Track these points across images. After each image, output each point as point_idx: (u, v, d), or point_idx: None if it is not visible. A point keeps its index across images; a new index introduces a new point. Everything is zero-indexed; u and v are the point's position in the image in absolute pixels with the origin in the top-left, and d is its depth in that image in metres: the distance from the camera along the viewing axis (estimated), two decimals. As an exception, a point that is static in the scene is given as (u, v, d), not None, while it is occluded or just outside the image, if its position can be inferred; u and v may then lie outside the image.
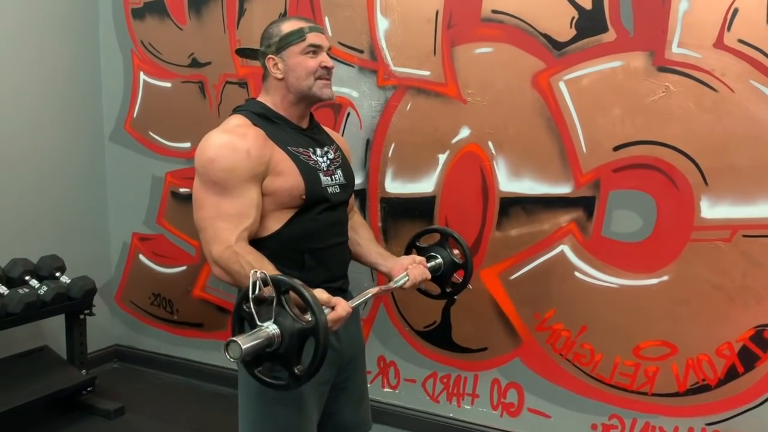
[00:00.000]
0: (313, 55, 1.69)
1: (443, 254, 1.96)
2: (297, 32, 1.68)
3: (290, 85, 1.69)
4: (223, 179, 1.55)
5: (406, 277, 1.76)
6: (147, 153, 3.45)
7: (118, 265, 3.65)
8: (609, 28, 2.33)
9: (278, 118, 1.70)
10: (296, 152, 1.66)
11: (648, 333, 2.39)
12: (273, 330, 1.30)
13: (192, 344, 3.47)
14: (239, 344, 1.25)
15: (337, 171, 1.76)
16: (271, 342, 1.30)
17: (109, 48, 3.48)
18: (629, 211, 2.38)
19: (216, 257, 1.53)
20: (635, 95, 2.31)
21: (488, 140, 2.58)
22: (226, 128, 1.63)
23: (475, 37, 2.57)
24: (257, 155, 1.57)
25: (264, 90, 1.77)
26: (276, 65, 1.69)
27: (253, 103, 1.73)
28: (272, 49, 1.69)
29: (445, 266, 1.95)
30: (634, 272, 2.39)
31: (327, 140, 1.82)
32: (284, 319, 1.32)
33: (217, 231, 1.54)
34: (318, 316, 1.30)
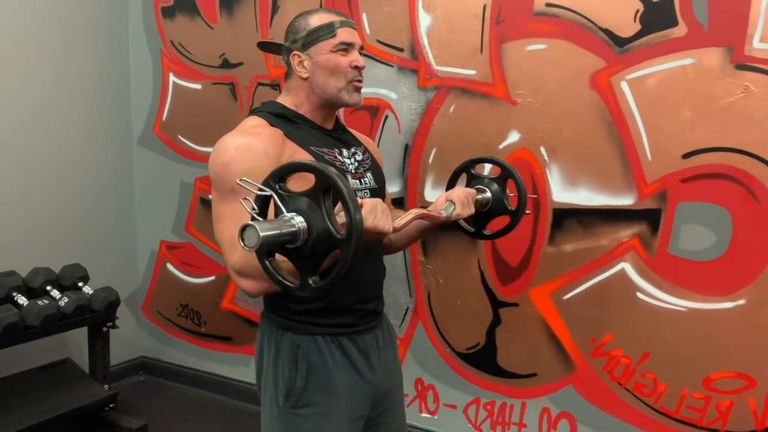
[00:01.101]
0: (344, 53, 1.50)
1: (494, 190, 1.73)
2: (326, 27, 1.48)
3: (316, 85, 1.50)
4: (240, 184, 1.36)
5: (452, 205, 1.54)
6: (176, 158, 3.31)
7: (145, 274, 3.52)
8: (679, 22, 2.09)
9: (298, 117, 1.51)
10: (320, 152, 1.47)
11: (721, 363, 2.13)
12: (300, 224, 1.08)
13: (219, 358, 3.30)
14: (257, 231, 1.03)
15: (367, 174, 1.57)
16: (295, 237, 1.08)
17: (138, 48, 3.35)
18: (700, 226, 2.12)
19: (237, 266, 1.33)
20: (709, 96, 2.06)
21: (540, 145, 2.35)
22: (239, 130, 1.46)
23: (526, 33, 2.34)
24: (276, 154, 1.39)
25: (285, 89, 1.59)
26: (301, 63, 1.50)
27: (270, 104, 1.56)
28: (298, 44, 1.50)
29: (493, 203, 1.72)
30: (706, 294, 2.13)
31: (353, 141, 1.63)
32: (296, 202, 1.10)
33: (233, 239, 1.33)
34: (319, 166, 1.07)
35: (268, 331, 1.49)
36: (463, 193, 1.58)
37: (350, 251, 1.05)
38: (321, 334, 1.45)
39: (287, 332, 1.45)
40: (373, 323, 1.55)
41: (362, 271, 1.50)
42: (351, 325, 1.48)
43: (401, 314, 2.70)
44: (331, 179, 1.06)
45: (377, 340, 1.54)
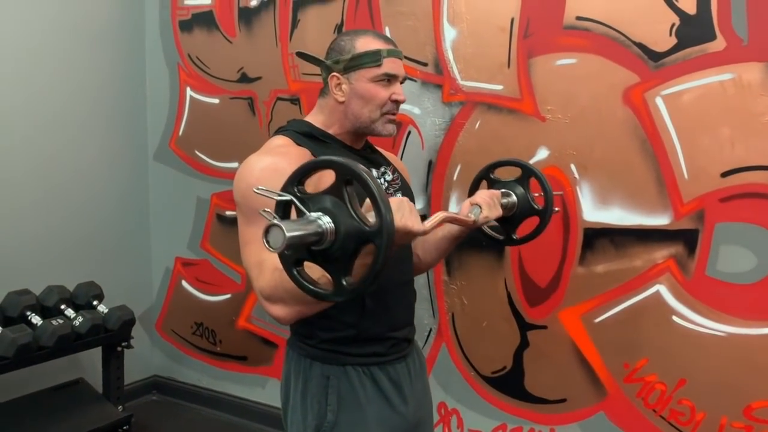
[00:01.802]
0: (386, 84, 1.42)
1: (519, 192, 1.64)
2: (372, 54, 1.41)
3: (351, 112, 1.43)
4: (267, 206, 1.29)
5: (478, 208, 1.45)
6: (192, 173, 3.25)
7: (159, 291, 3.45)
8: (717, 36, 2.01)
9: (326, 137, 1.44)
10: None
11: (763, 391, 2.03)
12: (326, 224, 1.00)
13: (234, 378, 3.23)
14: (283, 230, 0.94)
15: (397, 194, 1.50)
16: (322, 237, 1.00)
17: (154, 62, 3.31)
18: (740, 248, 2.04)
19: (265, 291, 1.25)
20: (749, 113, 1.98)
21: (570, 163, 2.28)
22: (264, 150, 1.39)
23: (556, 47, 2.28)
24: None
25: (317, 108, 1.51)
26: (339, 86, 1.43)
27: (297, 123, 1.49)
28: (340, 66, 1.43)
29: (519, 207, 1.64)
30: (746, 319, 2.04)
31: (382, 161, 1.56)
32: (319, 202, 1.02)
33: (262, 264, 1.27)
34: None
35: (296, 361, 1.42)
36: (487, 195, 1.49)
37: (383, 242, 0.97)
38: (351, 364, 1.37)
39: (316, 362, 1.38)
40: (405, 351, 1.48)
41: (393, 297, 1.43)
42: (382, 354, 1.40)
43: (424, 336, 2.62)
44: (351, 169, 0.99)
45: (409, 369, 1.46)
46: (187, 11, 3.18)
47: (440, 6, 2.48)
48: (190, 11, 3.17)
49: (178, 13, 3.21)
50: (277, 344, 3.05)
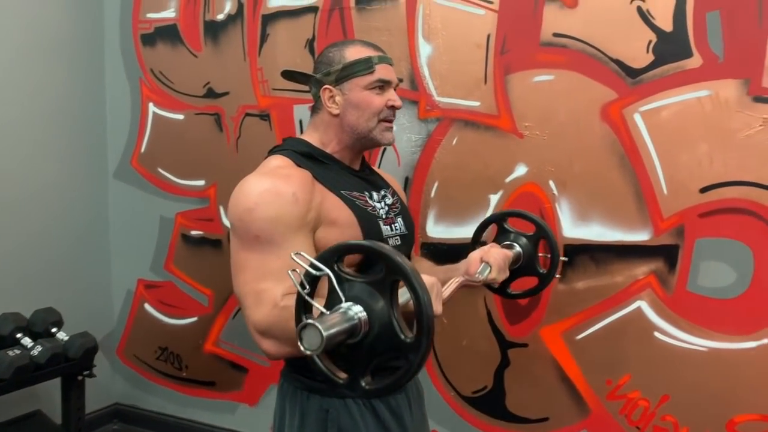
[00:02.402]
0: (380, 92, 1.39)
1: (526, 249, 1.65)
2: (364, 62, 1.38)
3: (347, 123, 1.39)
4: (266, 231, 1.23)
5: (488, 267, 1.43)
6: (155, 191, 3.12)
7: (120, 316, 3.30)
8: (694, 53, 2.04)
9: (326, 157, 1.39)
10: (351, 197, 1.35)
11: (745, 405, 2.04)
12: (359, 314, 0.93)
13: (202, 405, 3.09)
14: (321, 331, 0.87)
15: (398, 219, 1.46)
16: (354, 331, 0.93)
17: (115, 77, 3.18)
18: (720, 263, 2.05)
19: (261, 326, 1.19)
20: (726, 129, 2.01)
21: (549, 179, 2.27)
22: (263, 171, 1.33)
23: (533, 64, 2.27)
24: (305, 200, 1.26)
25: (311, 126, 1.47)
26: (332, 98, 1.39)
27: (294, 142, 1.43)
28: (331, 78, 1.39)
29: (525, 250, 1.64)
30: (727, 333, 2.05)
31: (382, 183, 1.51)
32: (356, 290, 0.95)
33: (259, 294, 1.20)
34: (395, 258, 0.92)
35: (291, 394, 1.35)
36: (501, 256, 1.47)
37: (417, 360, 0.92)
38: (352, 397, 1.30)
39: (314, 395, 1.31)
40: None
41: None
42: (382, 384, 1.34)
43: (402, 356, 2.55)
44: (405, 273, 0.92)
45: (409, 399, 1.41)
46: (150, 24, 3.07)
47: (415, 21, 2.45)
48: (152, 24, 3.06)
49: (139, 26, 3.10)
50: (247, 368, 2.95)
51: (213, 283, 2.99)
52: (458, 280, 1.31)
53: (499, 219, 1.74)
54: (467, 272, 1.44)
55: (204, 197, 2.98)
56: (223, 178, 2.92)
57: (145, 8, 3.08)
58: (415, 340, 0.91)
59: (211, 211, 2.96)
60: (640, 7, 2.09)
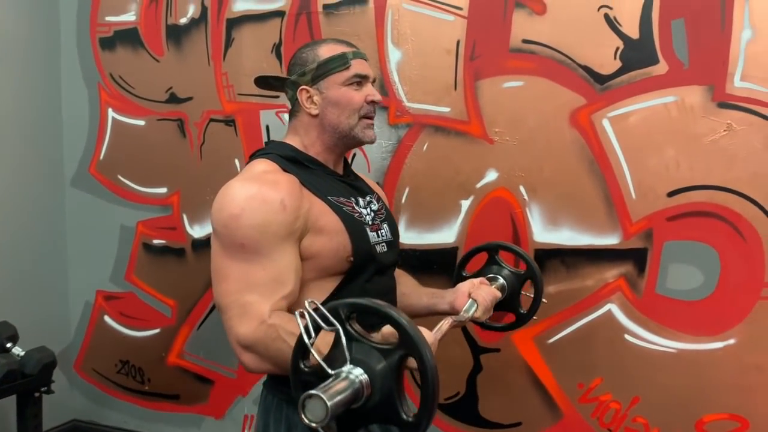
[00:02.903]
0: (357, 87, 1.38)
1: (502, 273, 1.66)
2: (339, 58, 1.36)
3: (328, 123, 1.36)
4: (252, 240, 1.19)
5: (475, 305, 1.43)
6: (115, 200, 3.03)
7: (78, 328, 3.18)
8: (660, 60, 2.08)
9: (311, 162, 1.36)
10: (338, 203, 1.32)
11: (713, 405, 2.08)
12: (359, 375, 0.91)
13: (166, 419, 3.00)
14: (326, 404, 0.84)
15: (383, 225, 1.44)
16: (358, 393, 0.90)
17: (72, 81, 3.07)
18: (688, 266, 2.09)
19: (245, 340, 1.16)
20: (692, 134, 2.05)
21: (519, 184, 2.28)
22: (249, 176, 1.29)
23: (502, 70, 2.28)
24: (293, 207, 1.23)
25: (291, 129, 1.44)
26: (311, 98, 1.37)
27: (278, 145, 1.40)
28: (307, 78, 1.36)
29: (510, 285, 1.65)
30: (695, 335, 2.09)
31: (367, 188, 1.49)
32: (364, 354, 0.92)
33: (245, 307, 1.17)
34: (412, 333, 0.90)
35: (276, 407, 1.31)
36: (490, 297, 1.47)
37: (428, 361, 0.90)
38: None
39: (301, 407, 1.27)
40: None
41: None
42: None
43: (373, 364, 2.53)
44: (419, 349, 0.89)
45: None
46: (109, 28, 2.98)
47: (384, 27, 2.44)
48: (111, 28, 2.97)
49: (98, 29, 3.01)
50: (213, 380, 2.87)
51: (176, 293, 2.91)
52: (447, 323, 1.30)
53: (493, 249, 1.74)
54: (453, 305, 1.46)
55: (166, 205, 2.90)
56: (187, 185, 2.85)
57: (103, 11, 2.99)
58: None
59: (174, 220, 2.89)
60: (608, 14, 2.12)
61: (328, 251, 1.27)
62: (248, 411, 2.80)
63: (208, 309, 2.84)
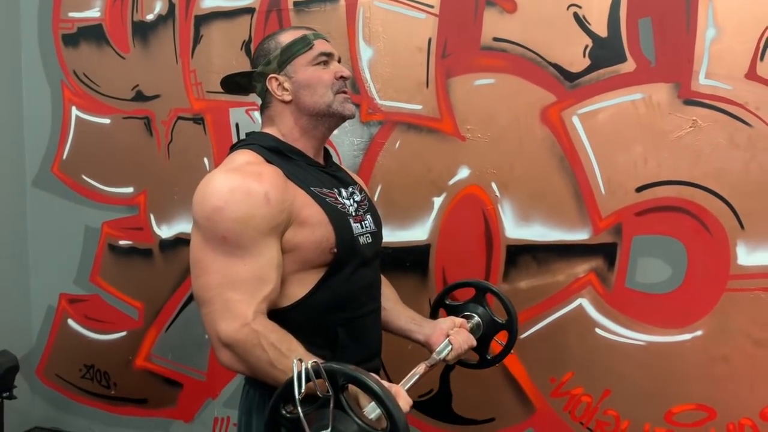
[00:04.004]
0: (324, 66, 1.38)
1: (480, 312, 1.67)
2: (301, 40, 1.36)
3: (303, 106, 1.36)
4: (234, 233, 1.17)
5: (449, 347, 1.45)
6: (79, 200, 2.96)
7: (41, 333, 3.09)
8: (627, 58, 2.12)
9: (293, 152, 1.35)
10: (321, 194, 1.31)
11: (681, 396, 2.12)
12: None
13: (133, 424, 2.94)
14: None
15: (367, 216, 1.44)
16: None
17: (33, 79, 3.00)
18: (656, 259, 2.13)
19: (226, 339, 1.15)
20: (659, 131, 2.09)
21: (491, 181, 2.29)
22: (232, 167, 1.27)
23: (474, 68, 2.30)
24: (278, 200, 1.22)
25: (267, 120, 1.43)
26: (281, 85, 1.36)
27: (260, 136, 1.38)
28: (273, 65, 1.36)
29: (485, 326, 1.65)
30: (664, 327, 2.13)
31: (349, 179, 1.49)
32: (347, 427, 0.94)
33: (228, 303, 1.15)
34: (398, 420, 0.93)
35: (259, 399, 1.29)
36: (466, 345, 1.50)
37: None
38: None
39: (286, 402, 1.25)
40: None
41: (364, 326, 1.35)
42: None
43: (346, 363, 2.52)
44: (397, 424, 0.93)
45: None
46: (72, 24, 2.91)
47: (355, 24, 2.43)
48: (75, 24, 2.91)
49: (60, 26, 2.94)
50: (181, 383, 2.82)
51: (143, 295, 2.85)
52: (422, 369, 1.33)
53: (482, 290, 1.73)
54: (429, 340, 1.51)
55: (133, 205, 2.85)
56: (154, 184, 2.80)
57: (66, 7, 2.92)
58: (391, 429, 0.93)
59: (141, 220, 2.83)
60: (577, 13, 2.16)
61: (310, 243, 1.26)
62: (218, 413, 2.75)
63: (177, 310, 2.79)
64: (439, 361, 1.43)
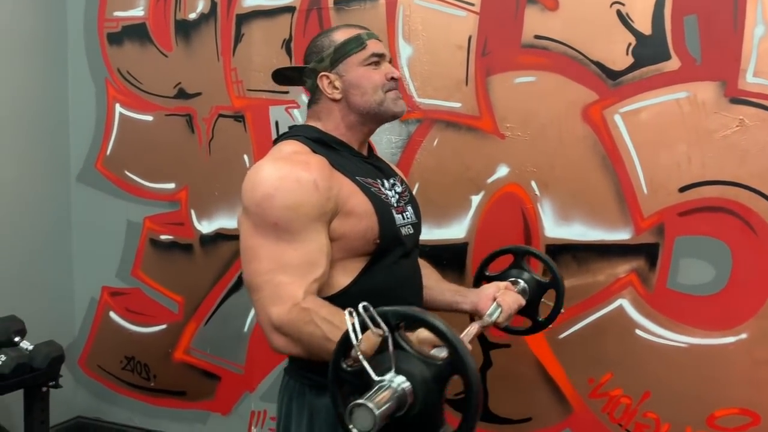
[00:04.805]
0: (376, 66, 1.39)
1: (525, 277, 1.66)
2: (354, 40, 1.38)
3: (352, 103, 1.37)
4: (285, 219, 1.19)
5: (499, 309, 1.43)
6: (122, 195, 3.02)
7: (83, 325, 3.17)
8: (672, 56, 2.09)
9: (337, 143, 1.37)
10: (366, 183, 1.33)
11: (724, 399, 2.08)
12: (401, 384, 0.90)
13: (171, 415, 2.99)
14: (374, 414, 0.85)
15: (408, 207, 1.45)
16: (402, 402, 0.90)
17: (79, 77, 3.07)
18: (699, 260, 2.10)
19: (278, 321, 1.16)
20: (704, 130, 2.06)
21: (531, 180, 2.28)
22: (280, 156, 1.30)
23: (514, 65, 2.29)
24: (325, 188, 1.24)
25: (313, 116, 1.45)
26: (332, 83, 1.37)
27: (304, 128, 1.41)
28: (325, 63, 1.37)
29: (531, 290, 1.64)
30: (707, 330, 2.10)
31: (390, 171, 1.50)
32: (410, 364, 0.92)
33: (278, 288, 1.17)
34: (458, 346, 0.91)
35: (298, 392, 1.30)
36: (515, 305, 1.48)
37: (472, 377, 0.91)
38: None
39: (324, 393, 1.26)
40: None
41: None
42: (391, 381, 1.31)
43: (382, 360, 2.53)
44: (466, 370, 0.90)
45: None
46: (117, 23, 2.98)
47: (395, 22, 2.44)
48: (119, 23, 2.97)
49: (105, 25, 3.00)
50: (219, 376, 2.87)
51: (184, 289, 2.90)
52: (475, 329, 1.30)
53: (520, 254, 1.74)
54: (477, 306, 1.47)
55: (174, 201, 2.90)
56: (195, 181, 2.84)
57: (111, 7, 2.99)
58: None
59: (182, 215, 2.88)
60: (620, 10, 2.13)
61: (356, 233, 1.28)
62: (255, 407, 2.79)
63: (216, 304, 2.84)
64: (490, 323, 1.40)
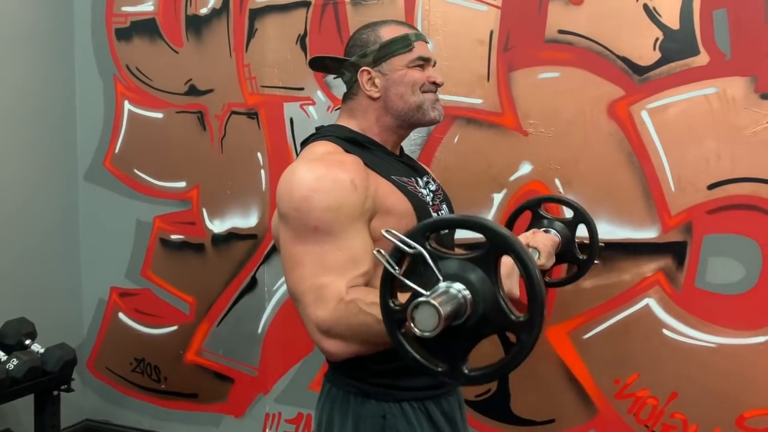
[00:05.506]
0: (420, 70, 1.34)
1: (551, 224, 1.64)
2: (402, 40, 1.33)
3: (390, 105, 1.32)
4: (326, 221, 1.15)
5: (537, 253, 1.40)
6: (131, 194, 2.96)
7: (91, 326, 3.10)
8: (701, 51, 2.05)
9: (370, 142, 1.33)
10: (401, 182, 1.29)
11: (754, 400, 2.05)
12: (462, 291, 0.85)
13: (183, 418, 2.94)
14: (438, 309, 0.80)
15: (442, 205, 1.41)
16: (460, 311, 0.85)
17: (86, 73, 3.00)
18: (728, 259, 2.06)
19: (325, 324, 1.11)
20: (733, 126, 2.02)
21: (554, 177, 2.24)
22: (313, 157, 1.24)
23: (537, 61, 2.25)
24: (363, 187, 1.19)
25: (347, 112, 1.40)
26: (372, 80, 1.32)
27: (334, 128, 1.36)
28: (368, 59, 1.32)
29: (562, 235, 1.63)
30: (736, 329, 2.06)
31: (422, 169, 1.46)
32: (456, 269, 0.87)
33: (321, 290, 1.12)
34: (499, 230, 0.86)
35: (342, 399, 1.25)
36: (549, 242, 1.44)
37: (532, 339, 0.85)
38: (407, 400, 1.23)
39: (369, 399, 1.22)
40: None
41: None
42: (436, 386, 1.28)
43: (401, 361, 2.48)
44: (511, 244, 0.85)
45: (459, 401, 1.34)
46: (125, 18, 2.92)
47: (414, 17, 2.39)
48: (128, 18, 2.91)
49: (113, 20, 2.94)
50: (232, 378, 2.81)
51: (195, 289, 2.85)
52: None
53: (534, 205, 1.71)
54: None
55: (185, 200, 2.84)
56: (207, 179, 2.79)
57: (119, 1, 2.92)
58: (528, 319, 0.85)
59: (193, 214, 2.83)
60: (647, 4, 2.10)
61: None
62: (269, 409, 2.74)
63: (229, 305, 2.79)
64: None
